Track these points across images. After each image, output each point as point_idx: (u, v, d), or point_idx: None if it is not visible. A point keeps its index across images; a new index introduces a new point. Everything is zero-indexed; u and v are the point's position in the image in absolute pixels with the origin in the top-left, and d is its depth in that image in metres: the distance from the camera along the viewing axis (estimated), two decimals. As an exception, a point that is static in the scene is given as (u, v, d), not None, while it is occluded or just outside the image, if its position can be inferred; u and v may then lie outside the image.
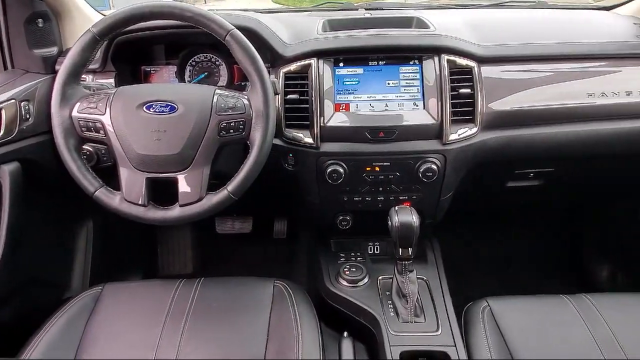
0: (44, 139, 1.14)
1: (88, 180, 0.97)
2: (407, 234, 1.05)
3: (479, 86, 1.15)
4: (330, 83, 1.16)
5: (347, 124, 1.15)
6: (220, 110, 0.97)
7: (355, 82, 1.17)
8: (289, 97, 1.16)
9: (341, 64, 1.18)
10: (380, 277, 1.24)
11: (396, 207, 1.08)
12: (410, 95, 1.16)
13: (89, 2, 1.36)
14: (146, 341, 0.97)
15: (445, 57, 1.15)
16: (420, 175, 1.16)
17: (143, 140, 0.95)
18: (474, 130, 1.16)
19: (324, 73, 1.16)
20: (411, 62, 1.17)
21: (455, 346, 1.03)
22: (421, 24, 1.29)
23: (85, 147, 1.13)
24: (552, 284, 1.74)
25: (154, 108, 0.96)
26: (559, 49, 1.23)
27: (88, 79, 1.24)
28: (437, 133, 1.14)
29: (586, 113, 1.20)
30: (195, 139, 0.95)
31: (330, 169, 1.16)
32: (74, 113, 0.97)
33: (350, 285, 1.23)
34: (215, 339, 0.98)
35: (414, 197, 1.23)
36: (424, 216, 1.24)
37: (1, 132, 1.04)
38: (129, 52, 1.27)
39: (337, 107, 1.16)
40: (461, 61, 1.16)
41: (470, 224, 1.83)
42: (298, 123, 1.17)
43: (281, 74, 1.18)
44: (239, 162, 0.99)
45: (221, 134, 0.97)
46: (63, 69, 0.97)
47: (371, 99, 1.17)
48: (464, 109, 1.15)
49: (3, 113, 1.04)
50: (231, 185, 0.97)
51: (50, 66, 1.22)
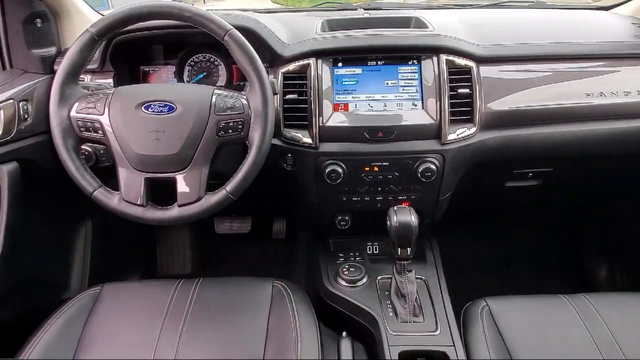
0: (43, 139, 1.13)
1: (86, 181, 0.97)
2: (406, 233, 1.05)
3: (477, 86, 1.15)
4: (329, 83, 1.16)
5: (346, 124, 1.15)
6: (219, 110, 0.97)
7: (354, 82, 1.17)
8: (287, 97, 1.15)
9: (340, 64, 1.18)
10: (379, 277, 1.24)
11: (395, 207, 1.08)
12: (408, 95, 1.16)
13: (87, 2, 1.36)
14: (145, 341, 0.97)
15: (443, 57, 1.15)
16: (419, 175, 1.16)
17: (142, 140, 0.95)
18: (473, 130, 1.16)
19: (322, 73, 1.16)
20: (410, 62, 1.17)
21: (454, 346, 1.03)
22: (420, 24, 1.29)
23: (84, 147, 1.14)
24: (552, 284, 1.74)
25: (153, 108, 0.96)
26: (558, 49, 1.23)
27: (87, 79, 1.23)
28: (436, 133, 1.14)
29: (583, 113, 1.20)
30: (193, 139, 0.95)
31: (329, 169, 1.16)
32: (73, 113, 0.97)
33: (349, 285, 1.23)
34: (214, 339, 0.98)
35: (413, 197, 1.23)
36: (423, 216, 1.24)
37: (0, 132, 1.04)
38: (128, 52, 1.27)
39: (336, 107, 1.16)
40: (460, 61, 1.16)
41: (470, 224, 1.83)
42: (297, 123, 1.16)
43: (280, 74, 1.18)
44: (238, 162, 0.98)
45: (220, 134, 0.97)
46: (61, 69, 0.97)
47: (370, 99, 1.16)
48: (462, 109, 1.15)
49: (1, 113, 1.04)
50: (230, 186, 0.97)
51: (48, 66, 1.22)
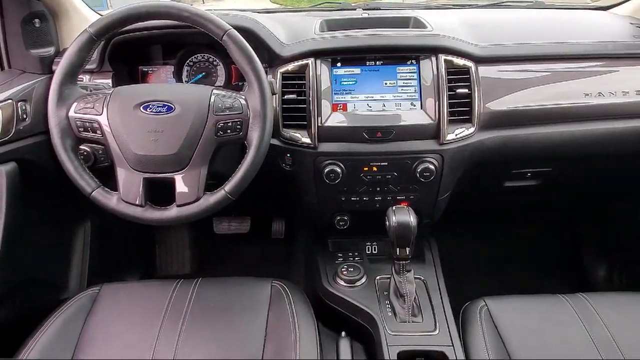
0: (41, 139, 1.13)
1: (85, 181, 0.97)
2: (405, 233, 1.05)
3: (476, 86, 1.15)
4: (327, 83, 1.16)
5: (345, 124, 1.15)
6: (218, 110, 0.97)
7: (353, 82, 1.17)
8: (286, 97, 1.15)
9: (339, 64, 1.18)
10: (377, 277, 1.24)
11: (394, 207, 1.08)
12: (407, 95, 1.16)
13: (86, 2, 1.36)
14: (144, 341, 0.97)
15: (442, 57, 1.15)
16: (418, 175, 1.16)
17: (140, 141, 0.95)
18: (471, 130, 1.16)
19: (321, 73, 1.16)
20: (408, 62, 1.17)
21: (453, 346, 1.03)
22: (418, 24, 1.29)
23: (83, 148, 1.14)
24: (552, 284, 1.74)
25: (151, 108, 0.96)
26: (556, 49, 1.23)
27: (85, 79, 1.23)
28: (435, 133, 1.14)
29: (581, 113, 1.21)
30: (192, 139, 0.95)
31: (327, 169, 1.16)
32: (71, 113, 0.97)
33: (347, 285, 1.23)
34: (213, 339, 0.98)
35: (412, 197, 1.23)
36: (422, 216, 1.24)
37: (-2, 133, 1.04)
38: (126, 52, 1.27)
39: (335, 107, 1.16)
40: (458, 61, 1.16)
41: (468, 224, 1.83)
42: (295, 123, 1.16)
43: (278, 74, 1.18)
44: (237, 163, 0.98)
45: (218, 134, 0.97)
46: (60, 69, 0.97)
47: (368, 99, 1.16)
48: (461, 109, 1.15)
49: (0, 113, 1.04)
50: (228, 186, 0.97)
51: (47, 66, 1.22)
